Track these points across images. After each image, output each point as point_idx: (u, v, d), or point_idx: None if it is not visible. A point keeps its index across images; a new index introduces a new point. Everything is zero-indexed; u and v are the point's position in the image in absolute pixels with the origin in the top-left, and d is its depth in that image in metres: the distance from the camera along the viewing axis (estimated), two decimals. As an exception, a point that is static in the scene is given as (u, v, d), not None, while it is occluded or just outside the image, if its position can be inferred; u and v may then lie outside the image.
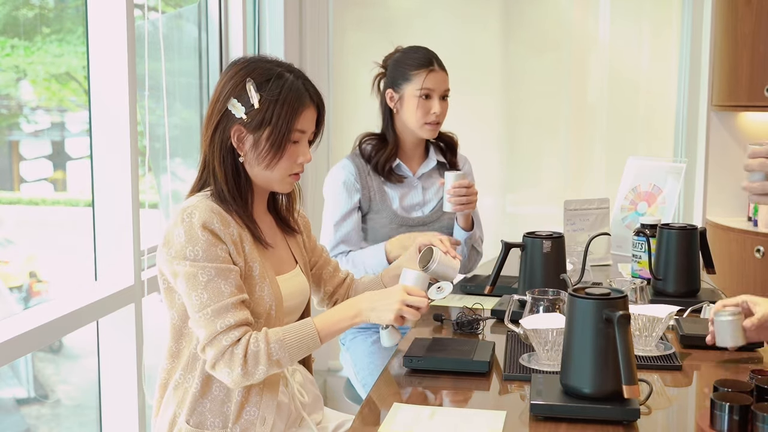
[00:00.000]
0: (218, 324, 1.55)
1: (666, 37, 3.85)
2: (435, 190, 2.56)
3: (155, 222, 2.71)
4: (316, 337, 1.62)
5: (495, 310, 2.10)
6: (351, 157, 2.50)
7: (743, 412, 1.35)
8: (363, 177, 2.47)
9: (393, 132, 2.49)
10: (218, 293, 1.56)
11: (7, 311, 2.28)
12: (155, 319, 2.36)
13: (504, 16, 3.88)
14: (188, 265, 1.56)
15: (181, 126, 3.02)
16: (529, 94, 3.89)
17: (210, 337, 1.56)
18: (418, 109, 2.42)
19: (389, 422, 1.46)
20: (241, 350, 1.55)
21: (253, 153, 1.65)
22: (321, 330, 1.62)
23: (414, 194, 2.52)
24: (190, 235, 1.57)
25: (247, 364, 1.55)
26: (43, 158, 2.47)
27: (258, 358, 1.55)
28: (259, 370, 1.56)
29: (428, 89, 2.42)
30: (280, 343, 1.57)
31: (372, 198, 2.46)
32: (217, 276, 1.57)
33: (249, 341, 1.56)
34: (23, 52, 2.23)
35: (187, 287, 1.57)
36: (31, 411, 2.51)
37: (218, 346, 1.55)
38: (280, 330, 1.60)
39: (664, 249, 2.22)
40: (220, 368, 1.56)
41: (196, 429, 1.64)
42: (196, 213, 1.58)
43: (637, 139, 3.89)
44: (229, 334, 1.55)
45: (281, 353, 1.57)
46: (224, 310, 1.56)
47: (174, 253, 1.58)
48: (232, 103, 1.63)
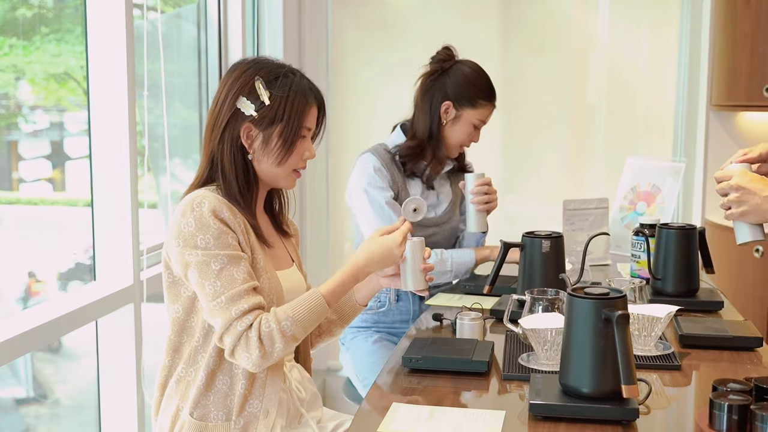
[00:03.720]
0: (233, 311, 1.57)
1: (665, 37, 3.85)
2: (446, 193, 2.57)
3: (154, 222, 2.71)
4: (325, 304, 1.66)
5: (494, 310, 2.10)
6: (374, 152, 2.46)
7: (742, 411, 1.35)
8: (390, 170, 2.46)
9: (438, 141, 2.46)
10: (231, 281, 1.58)
11: (6, 311, 2.28)
12: (154, 319, 2.36)
13: (503, 16, 3.88)
14: (200, 255, 1.58)
15: (180, 126, 3.02)
16: (529, 93, 3.89)
17: (226, 325, 1.58)
18: (467, 135, 2.47)
19: (388, 422, 1.46)
20: (255, 334, 1.57)
21: (262, 150, 1.68)
22: (327, 295, 1.66)
23: (430, 195, 2.53)
24: (200, 223, 1.59)
25: (264, 345, 1.57)
26: (42, 158, 2.47)
27: (273, 337, 1.58)
28: (276, 348, 1.58)
29: (483, 122, 2.49)
30: (291, 320, 1.60)
31: (399, 193, 2.46)
32: (229, 264, 1.59)
33: (261, 324, 1.58)
34: (22, 52, 2.22)
35: (199, 277, 1.59)
36: (30, 411, 2.51)
37: (234, 332, 1.57)
38: (288, 307, 1.63)
39: (663, 249, 2.22)
40: (239, 354, 1.58)
41: (200, 422, 1.66)
42: (206, 202, 1.61)
43: (636, 139, 3.89)
44: (243, 320, 1.57)
45: (294, 328, 1.60)
46: (238, 296, 1.58)
47: (184, 243, 1.59)
48: (242, 101, 1.66)
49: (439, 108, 2.44)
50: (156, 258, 2.44)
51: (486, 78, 2.48)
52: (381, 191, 2.40)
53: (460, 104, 2.44)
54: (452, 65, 2.47)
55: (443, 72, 2.46)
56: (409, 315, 2.50)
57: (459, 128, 2.46)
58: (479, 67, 2.49)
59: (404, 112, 2.55)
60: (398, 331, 2.49)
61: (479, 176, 2.43)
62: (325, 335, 1.90)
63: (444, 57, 2.48)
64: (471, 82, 2.44)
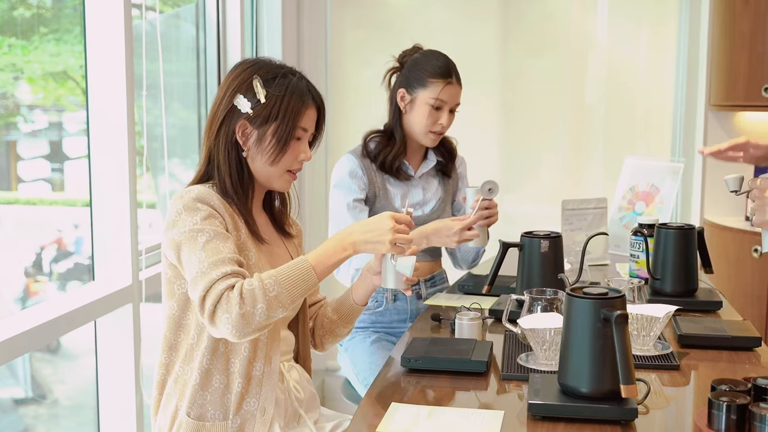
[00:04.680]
0: (214, 273, 1.54)
1: (664, 37, 3.85)
2: (434, 190, 2.55)
3: (153, 222, 2.71)
4: (312, 272, 1.59)
5: (493, 310, 2.10)
6: (353, 153, 2.47)
7: (741, 411, 1.35)
8: (368, 172, 2.45)
9: (401, 130, 2.46)
10: (216, 251, 1.57)
11: (5, 311, 2.28)
12: (153, 319, 2.36)
13: (502, 16, 3.88)
14: (187, 231, 1.59)
15: (178, 126, 3.01)
16: (528, 93, 3.89)
17: (207, 287, 1.53)
18: (427, 117, 2.40)
19: (387, 422, 1.46)
20: (236, 292, 1.52)
21: (256, 148, 1.69)
22: (316, 265, 1.60)
23: (415, 193, 2.52)
24: (189, 207, 1.61)
25: (245, 303, 1.51)
26: (41, 158, 2.47)
27: (255, 295, 1.52)
28: (258, 309, 1.52)
29: (441, 101, 2.39)
30: (275, 279, 1.55)
31: (377, 194, 2.44)
32: (215, 238, 1.58)
33: (243, 283, 1.54)
34: (20, 52, 2.22)
35: (188, 252, 1.58)
36: (29, 411, 2.51)
37: (214, 293, 1.52)
38: (273, 270, 1.59)
39: (662, 248, 2.22)
40: (219, 316, 1.52)
41: (197, 421, 1.65)
42: (195, 190, 1.64)
43: (634, 139, 3.89)
44: (225, 281, 1.53)
45: (278, 288, 1.54)
46: (221, 262, 1.55)
47: (173, 224, 1.61)
48: (238, 98, 1.68)
49: (396, 98, 2.44)
50: (155, 258, 2.44)
51: (437, 57, 2.43)
52: (348, 192, 2.40)
53: (412, 87, 2.41)
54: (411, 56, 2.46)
55: (402, 65, 2.47)
56: (407, 315, 2.50)
57: (416, 112, 2.41)
58: (432, 50, 2.46)
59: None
60: (396, 331, 2.49)
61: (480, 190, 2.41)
62: (328, 335, 1.89)
63: (406, 53, 2.48)
64: (419, 64, 2.42)
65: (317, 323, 1.89)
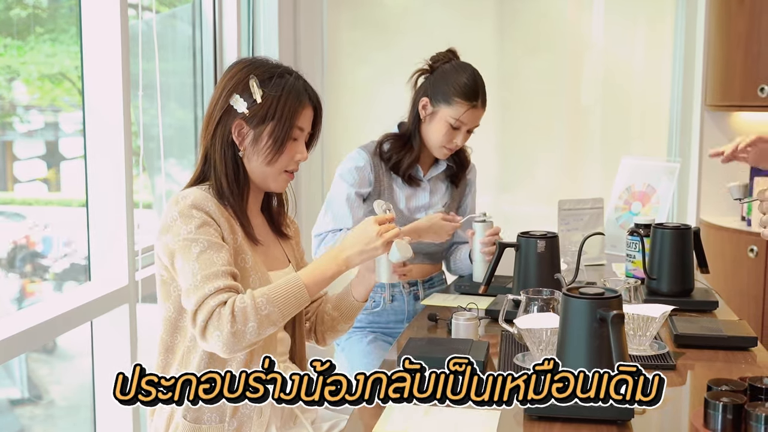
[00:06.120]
0: (207, 288, 1.54)
1: (660, 37, 3.86)
2: (441, 195, 2.54)
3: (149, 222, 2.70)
4: (304, 290, 1.61)
5: (489, 310, 2.10)
6: (365, 148, 2.45)
7: (737, 411, 1.36)
8: (376, 169, 2.44)
9: (419, 137, 2.43)
10: (210, 263, 1.56)
11: (1, 311, 2.27)
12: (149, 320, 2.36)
13: (499, 16, 3.88)
14: (181, 240, 1.58)
15: (175, 126, 3.01)
16: (524, 93, 3.89)
17: (199, 301, 1.53)
18: (444, 134, 2.38)
19: (384, 421, 1.46)
20: (228, 309, 1.52)
21: (253, 148, 1.68)
22: (308, 284, 1.62)
23: (421, 196, 2.50)
24: (184, 214, 1.60)
25: (236, 321, 1.52)
26: (37, 158, 2.46)
27: (246, 314, 1.53)
28: (249, 328, 1.52)
29: (461, 122, 2.37)
30: (267, 297, 1.56)
31: (382, 193, 2.44)
32: (209, 248, 1.58)
33: (235, 300, 1.54)
34: (16, 52, 2.22)
35: (182, 261, 1.58)
36: (25, 411, 2.51)
37: (207, 308, 1.52)
38: (265, 287, 1.59)
39: (658, 249, 2.22)
40: (210, 333, 1.53)
41: (194, 424, 1.64)
42: (191, 196, 1.63)
43: (631, 139, 3.90)
44: (217, 297, 1.54)
45: (270, 307, 1.55)
46: (214, 276, 1.55)
47: (167, 231, 1.60)
48: (235, 98, 1.67)
49: (418, 104, 2.42)
50: (151, 258, 2.44)
51: (469, 77, 2.37)
52: (351, 185, 2.38)
53: (436, 100, 2.38)
54: (443, 64, 2.43)
55: (433, 71, 2.45)
56: (404, 315, 2.50)
57: (435, 126, 2.39)
58: (466, 66, 2.41)
59: (400, 112, 2.54)
60: (393, 331, 2.49)
61: (488, 226, 2.40)
62: (329, 331, 1.88)
63: (439, 57, 2.44)
64: (448, 79, 2.38)
65: (318, 320, 1.89)
